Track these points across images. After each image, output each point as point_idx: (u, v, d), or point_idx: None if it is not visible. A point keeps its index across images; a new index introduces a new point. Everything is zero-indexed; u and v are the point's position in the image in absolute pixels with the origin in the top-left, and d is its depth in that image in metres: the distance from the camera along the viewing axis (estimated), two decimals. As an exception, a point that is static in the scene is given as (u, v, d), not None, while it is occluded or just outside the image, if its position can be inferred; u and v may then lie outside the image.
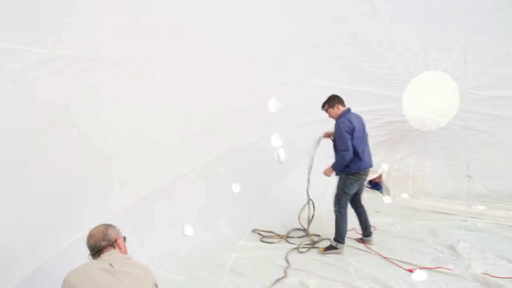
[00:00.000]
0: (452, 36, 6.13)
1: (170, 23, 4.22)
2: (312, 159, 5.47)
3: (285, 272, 4.07)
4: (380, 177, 7.59)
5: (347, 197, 4.80)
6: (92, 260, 2.61)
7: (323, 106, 5.00)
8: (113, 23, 3.65)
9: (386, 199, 6.99)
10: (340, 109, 4.88)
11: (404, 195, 6.99)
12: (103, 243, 2.60)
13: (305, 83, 5.90)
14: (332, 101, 4.92)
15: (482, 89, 6.50)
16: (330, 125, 5.10)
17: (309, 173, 5.52)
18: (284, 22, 5.26)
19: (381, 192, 7.51)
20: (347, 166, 4.70)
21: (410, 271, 3.91)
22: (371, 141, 6.11)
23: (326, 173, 4.87)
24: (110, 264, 2.41)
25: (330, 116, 4.97)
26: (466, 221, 5.59)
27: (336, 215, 4.79)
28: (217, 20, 4.71)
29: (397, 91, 6.30)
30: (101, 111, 3.78)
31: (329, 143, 5.14)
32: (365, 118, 5.53)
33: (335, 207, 4.82)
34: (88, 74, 3.56)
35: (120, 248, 2.67)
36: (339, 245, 4.67)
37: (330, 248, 4.72)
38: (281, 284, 3.80)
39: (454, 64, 6.34)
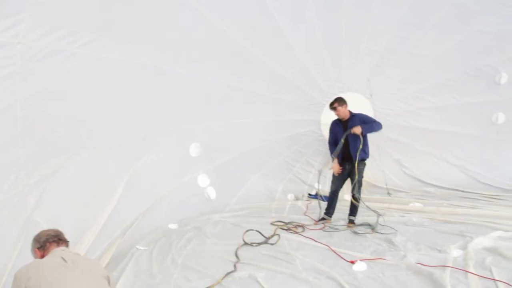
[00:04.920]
0: (363, 59, 6.67)
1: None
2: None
3: (234, 266, 4.20)
4: None
5: None
6: (37, 256, 2.65)
7: (331, 104, 5.68)
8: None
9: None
10: (347, 108, 5.68)
11: (347, 196, 7.33)
12: (62, 237, 2.64)
13: (225, 122, 6.32)
14: (342, 101, 5.67)
15: (395, 104, 7.17)
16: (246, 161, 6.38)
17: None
18: (194, 69, 5.44)
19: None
20: (365, 152, 5.66)
21: (352, 262, 4.18)
22: (302, 158, 6.62)
23: (356, 131, 5.51)
24: (63, 258, 2.45)
25: (338, 114, 5.69)
26: (403, 216, 6.01)
27: (359, 197, 5.75)
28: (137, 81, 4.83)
29: (315, 114, 6.81)
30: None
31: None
32: (288, 142, 6.58)
33: (359, 191, 5.72)
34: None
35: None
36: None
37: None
38: (230, 278, 3.93)
39: (366, 85, 6.96)
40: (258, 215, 6.45)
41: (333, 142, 5.92)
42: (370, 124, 5.63)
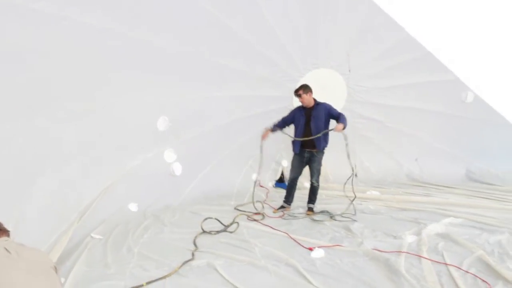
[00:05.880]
0: (339, 33, 6.45)
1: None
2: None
3: (192, 254, 4.13)
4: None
5: None
6: None
7: (296, 91, 5.64)
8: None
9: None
10: (311, 96, 5.63)
11: (307, 184, 7.38)
12: (2, 227, 2.47)
13: (197, 96, 6.01)
14: (307, 88, 5.61)
15: (367, 81, 7.08)
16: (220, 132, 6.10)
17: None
18: (166, 41, 5.13)
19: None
20: (326, 141, 5.70)
21: (310, 249, 4.21)
22: (274, 137, 6.52)
23: (339, 129, 5.41)
24: (6, 249, 2.29)
25: (302, 101, 5.65)
26: (361, 204, 6.12)
27: (318, 185, 5.84)
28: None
29: (288, 90, 6.61)
30: None
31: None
32: (261, 118, 6.16)
33: (317, 179, 5.82)
34: None
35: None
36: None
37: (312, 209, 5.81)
38: (188, 266, 3.85)
39: (341, 60, 6.82)
40: (217, 203, 6.39)
41: (285, 122, 5.88)
42: (342, 117, 5.53)
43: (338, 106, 7.03)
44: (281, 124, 5.90)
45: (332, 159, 6.13)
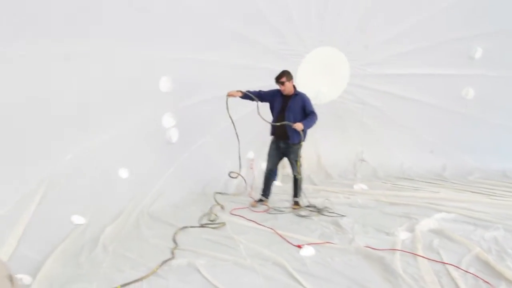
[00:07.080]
0: (348, 12, 6.22)
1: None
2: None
3: (172, 253, 3.80)
4: None
5: None
6: None
7: (279, 78, 5.20)
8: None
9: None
10: (292, 84, 5.29)
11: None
12: None
13: (197, 58, 5.57)
14: (290, 75, 5.24)
15: (372, 66, 6.85)
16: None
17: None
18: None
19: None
20: (305, 134, 5.32)
21: (299, 246, 3.94)
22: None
23: (299, 127, 5.11)
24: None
25: (284, 89, 5.25)
26: (349, 198, 5.89)
27: (300, 177, 5.47)
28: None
29: (291, 65, 6.25)
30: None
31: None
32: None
33: (298, 172, 5.43)
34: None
35: None
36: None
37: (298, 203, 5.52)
38: (167, 266, 3.53)
39: (348, 40, 6.55)
40: (202, 191, 6.05)
41: (261, 96, 5.41)
42: (310, 118, 5.22)
43: (339, 88, 6.95)
44: (256, 95, 5.39)
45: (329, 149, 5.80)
